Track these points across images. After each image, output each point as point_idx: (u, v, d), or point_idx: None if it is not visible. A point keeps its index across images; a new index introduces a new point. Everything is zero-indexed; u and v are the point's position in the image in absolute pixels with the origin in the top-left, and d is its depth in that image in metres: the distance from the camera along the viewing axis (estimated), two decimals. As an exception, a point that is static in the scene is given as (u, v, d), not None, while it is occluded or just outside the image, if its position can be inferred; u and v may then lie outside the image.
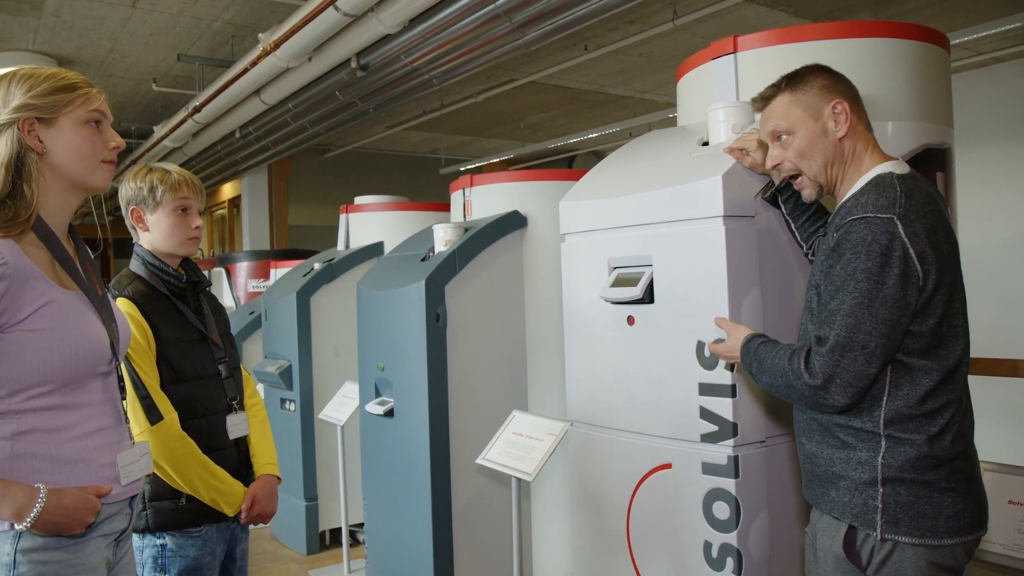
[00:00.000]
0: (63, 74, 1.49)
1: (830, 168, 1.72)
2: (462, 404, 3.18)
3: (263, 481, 2.14)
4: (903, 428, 1.56)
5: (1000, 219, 5.93)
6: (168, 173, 2.07)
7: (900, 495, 1.54)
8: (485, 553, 3.22)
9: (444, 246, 3.26)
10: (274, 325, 4.78)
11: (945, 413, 1.57)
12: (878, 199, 1.57)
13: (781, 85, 1.76)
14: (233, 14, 5.34)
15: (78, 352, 1.42)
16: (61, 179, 1.47)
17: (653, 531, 2.22)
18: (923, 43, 2.27)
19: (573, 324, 2.48)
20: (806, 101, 1.72)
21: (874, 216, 1.54)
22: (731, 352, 1.82)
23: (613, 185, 2.39)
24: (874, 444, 1.57)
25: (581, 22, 3.77)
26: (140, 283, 2.03)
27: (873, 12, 5.44)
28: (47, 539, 1.38)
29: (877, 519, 1.55)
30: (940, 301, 1.55)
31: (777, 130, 1.76)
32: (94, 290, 1.52)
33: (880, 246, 1.52)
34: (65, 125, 1.46)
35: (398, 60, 4.54)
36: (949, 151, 2.36)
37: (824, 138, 1.71)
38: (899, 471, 1.54)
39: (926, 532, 1.53)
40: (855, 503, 1.58)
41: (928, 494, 1.53)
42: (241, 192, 9.71)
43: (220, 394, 2.10)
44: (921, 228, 1.54)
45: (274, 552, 4.62)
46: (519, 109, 8.30)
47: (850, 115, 1.71)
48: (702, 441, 2.06)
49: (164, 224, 2.05)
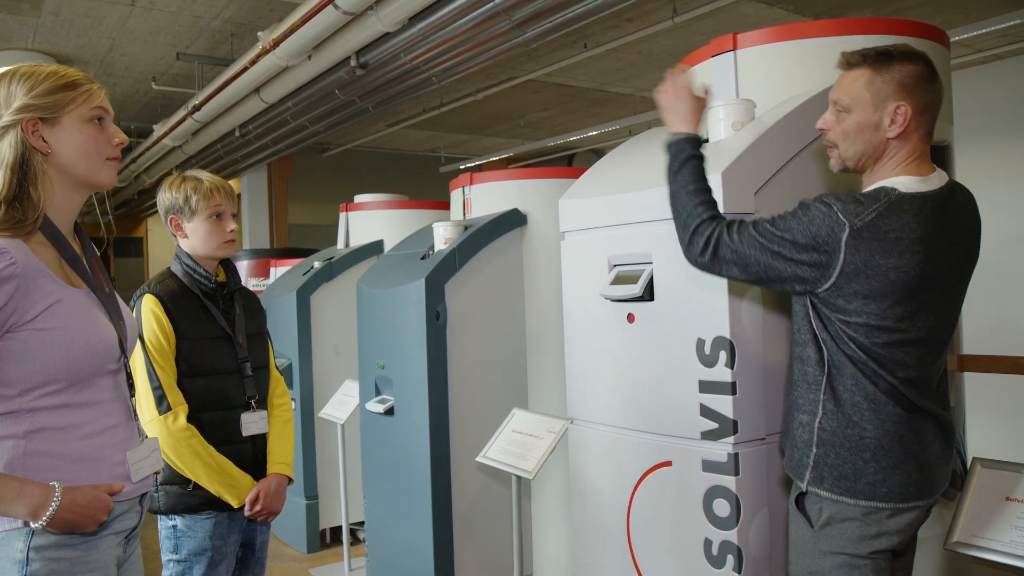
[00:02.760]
0: (63, 71, 1.47)
1: (864, 158, 1.74)
2: (462, 402, 3.18)
3: (272, 479, 2.21)
4: (838, 398, 1.70)
5: (1000, 216, 5.92)
6: (200, 182, 2.19)
7: (829, 457, 1.71)
8: (485, 550, 3.23)
9: (444, 244, 3.26)
10: (274, 323, 4.77)
11: (885, 391, 1.67)
12: (849, 202, 1.65)
13: (869, 57, 1.72)
14: (232, 12, 5.33)
15: (88, 350, 1.43)
16: (67, 178, 1.47)
17: (653, 529, 2.22)
18: (923, 40, 2.27)
19: (573, 322, 2.48)
20: (878, 88, 1.69)
21: (826, 197, 1.67)
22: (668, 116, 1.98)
23: (613, 183, 2.39)
24: (814, 408, 1.74)
25: (580, 20, 3.77)
26: (173, 281, 2.17)
27: (873, 9, 5.43)
28: (60, 537, 1.39)
29: (806, 474, 1.74)
30: (872, 303, 1.64)
31: (839, 102, 1.75)
32: (101, 288, 1.52)
33: (812, 212, 1.66)
34: (69, 124, 1.45)
35: (397, 58, 4.54)
36: (949, 148, 2.36)
37: (874, 131, 1.71)
38: (832, 435, 1.71)
39: (844, 491, 1.69)
40: (795, 458, 1.78)
41: (852, 460, 1.68)
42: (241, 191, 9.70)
43: (238, 391, 2.20)
44: (865, 249, 1.62)
45: (275, 550, 4.62)
46: (519, 107, 8.30)
47: (909, 121, 1.68)
48: (702, 438, 2.07)
49: (201, 231, 2.18)
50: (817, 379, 1.73)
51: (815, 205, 1.67)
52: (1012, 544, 1.78)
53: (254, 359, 2.27)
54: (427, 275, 3.10)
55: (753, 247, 1.70)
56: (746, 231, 1.72)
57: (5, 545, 1.36)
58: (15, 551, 1.36)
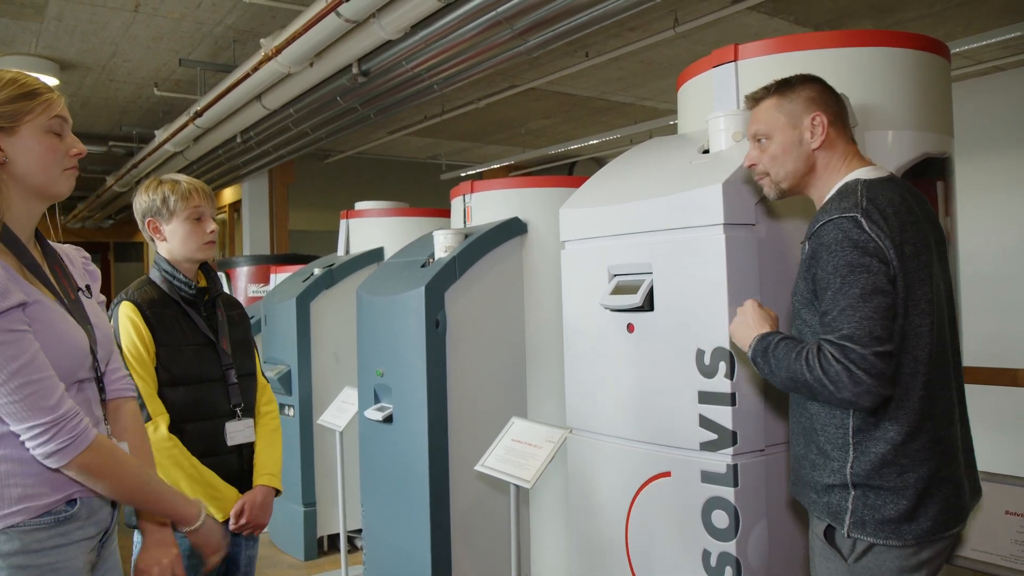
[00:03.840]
0: (23, 79, 1.44)
1: (797, 176, 1.80)
2: (461, 410, 3.17)
3: (258, 491, 2.13)
4: (869, 436, 1.64)
5: (1000, 227, 5.93)
6: (178, 183, 2.14)
7: (868, 499, 1.63)
8: (483, 560, 3.22)
9: (444, 252, 3.26)
10: (274, 330, 4.78)
11: (911, 417, 1.63)
12: (841, 203, 1.66)
13: (771, 89, 1.84)
14: (235, 19, 5.35)
15: (62, 356, 1.41)
16: (24, 188, 1.44)
17: (652, 539, 2.21)
18: (923, 52, 2.28)
19: (573, 331, 2.48)
20: (789, 109, 1.79)
21: (839, 216, 1.63)
22: (741, 334, 1.81)
23: (613, 192, 2.40)
24: (844, 452, 1.66)
25: (582, 29, 3.78)
26: (151, 288, 2.11)
27: (874, 21, 5.44)
28: (28, 542, 1.37)
29: (846, 520, 1.65)
30: (900, 298, 1.61)
31: (758, 133, 1.83)
32: (66, 294, 1.50)
33: (851, 240, 1.60)
34: (27, 134, 1.42)
35: (399, 66, 4.55)
36: (949, 160, 2.36)
37: (798, 147, 1.78)
38: (866, 478, 1.63)
39: (890, 535, 1.61)
40: (831, 503, 1.68)
41: (894, 501, 1.61)
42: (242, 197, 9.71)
43: (223, 399, 2.13)
44: (883, 223, 1.61)
45: (272, 558, 4.61)
46: (520, 115, 8.31)
47: (828, 128, 1.77)
48: (701, 449, 2.06)
49: (180, 232, 2.12)
50: (843, 420, 1.67)
51: (834, 238, 1.61)
52: (1012, 558, 1.78)
53: (239, 366, 2.20)
54: (427, 283, 3.10)
55: (863, 318, 1.57)
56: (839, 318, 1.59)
57: None
58: None
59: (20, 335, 1.33)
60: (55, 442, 1.34)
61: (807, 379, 1.60)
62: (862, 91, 2.17)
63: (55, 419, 1.34)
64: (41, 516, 1.39)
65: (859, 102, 2.14)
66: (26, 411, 1.33)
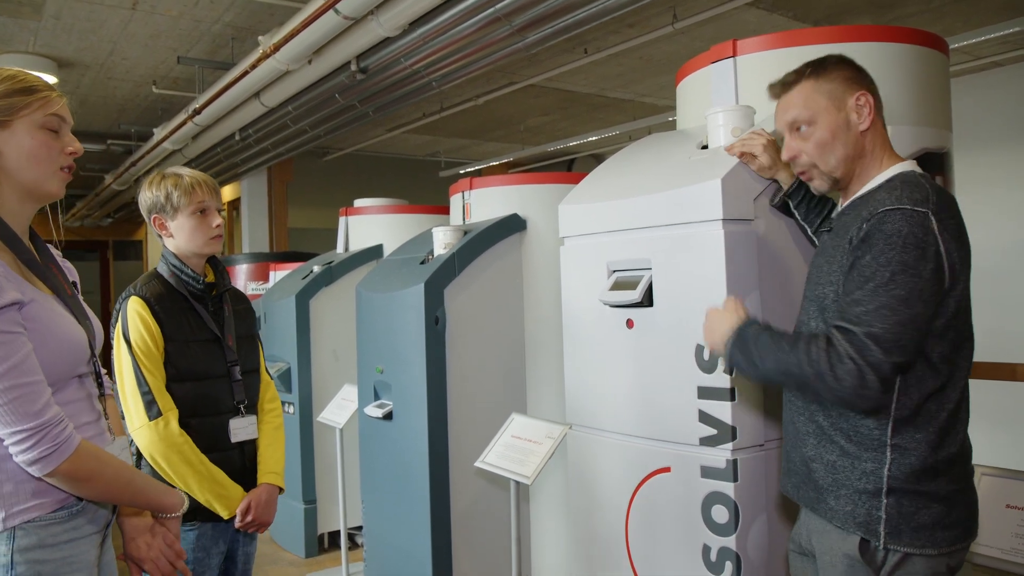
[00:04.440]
0: (22, 76, 1.45)
1: (850, 162, 1.66)
2: (461, 407, 3.18)
3: (262, 489, 2.14)
4: (909, 436, 1.53)
5: (999, 223, 5.93)
6: (181, 178, 2.11)
7: (903, 506, 1.52)
8: (484, 556, 3.22)
9: (443, 249, 3.26)
10: (273, 328, 4.78)
11: (948, 419, 1.54)
12: (912, 193, 1.52)
13: (805, 72, 1.68)
14: (233, 17, 5.34)
15: (61, 349, 1.42)
16: (15, 183, 1.44)
17: (652, 535, 2.22)
18: (922, 47, 2.28)
19: (572, 327, 2.48)
20: (830, 90, 1.65)
21: (911, 209, 1.49)
22: (713, 335, 1.73)
23: (612, 188, 2.40)
24: (880, 453, 1.54)
25: (581, 25, 3.77)
26: (159, 283, 2.09)
27: (873, 16, 5.44)
28: (44, 537, 1.38)
29: (880, 530, 1.52)
30: (953, 302, 1.52)
31: (797, 120, 1.67)
32: (63, 290, 1.51)
33: (916, 239, 1.47)
34: (21, 129, 1.42)
35: (398, 63, 4.54)
36: (948, 155, 2.36)
37: (847, 131, 1.64)
38: (904, 482, 1.52)
39: (927, 543, 1.51)
40: (859, 513, 1.55)
41: (928, 504, 1.52)
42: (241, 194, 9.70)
43: (227, 396, 2.12)
44: (952, 226, 1.51)
45: (272, 555, 4.61)
46: (519, 112, 8.30)
47: (873, 108, 1.65)
48: (701, 445, 2.06)
49: (186, 228, 2.11)
50: (882, 419, 1.55)
51: (898, 230, 1.49)
52: (1012, 551, 1.78)
53: (244, 363, 2.19)
54: (426, 280, 3.10)
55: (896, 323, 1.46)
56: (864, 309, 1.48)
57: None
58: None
59: (11, 337, 1.32)
60: (37, 449, 1.33)
61: (802, 371, 1.50)
62: (861, 86, 2.17)
63: (38, 425, 1.33)
64: (55, 511, 1.41)
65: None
66: (10, 415, 1.32)
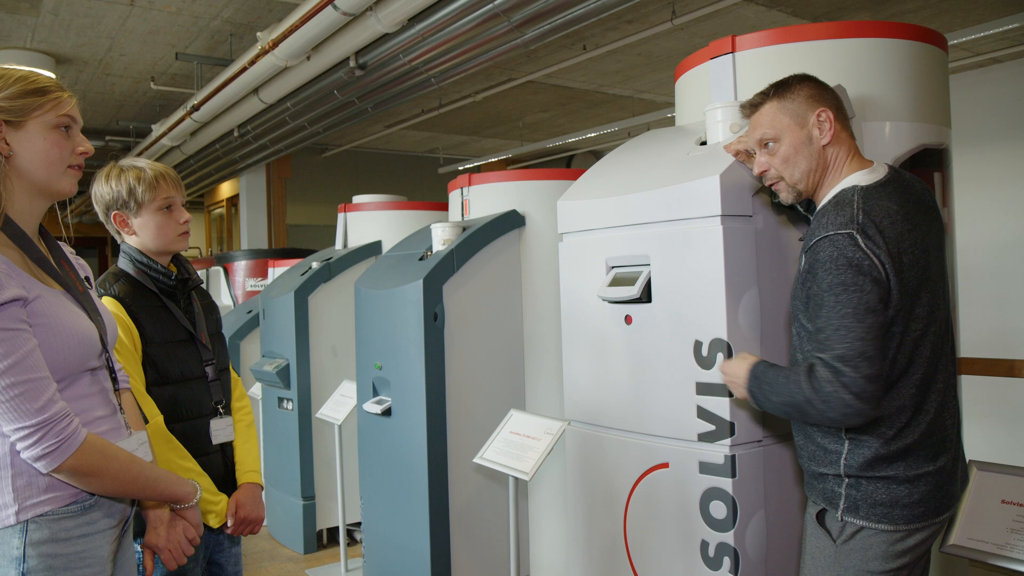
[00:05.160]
0: (35, 77, 1.47)
1: (811, 175, 1.79)
2: (459, 403, 3.18)
3: (246, 489, 2.06)
4: (861, 432, 1.69)
5: (997, 219, 5.93)
6: (143, 171, 1.96)
7: (860, 487, 1.69)
8: (482, 552, 3.23)
9: (442, 245, 3.26)
10: (272, 324, 4.78)
11: (901, 416, 1.67)
12: (836, 217, 1.67)
13: (769, 93, 1.83)
14: (231, 12, 5.33)
15: (72, 345, 1.42)
16: (27, 183, 1.46)
17: (650, 530, 2.22)
18: (921, 43, 2.28)
19: (571, 323, 2.48)
20: (792, 109, 1.79)
21: (834, 233, 1.64)
22: (734, 379, 1.86)
23: (611, 184, 2.40)
24: (839, 445, 1.72)
25: (580, 22, 3.77)
26: (127, 281, 1.96)
27: (871, 12, 5.44)
28: (56, 531, 1.39)
29: (840, 504, 1.71)
30: (893, 308, 1.63)
31: (764, 137, 1.82)
32: (75, 286, 1.52)
33: (846, 259, 1.61)
34: (33, 129, 1.44)
35: (396, 59, 4.54)
36: (947, 151, 2.36)
37: (809, 145, 1.78)
38: (859, 470, 1.69)
39: (881, 518, 1.67)
40: (825, 490, 1.75)
41: (885, 487, 1.67)
42: (239, 191, 9.70)
43: (206, 397, 2.02)
44: (879, 237, 1.63)
45: (271, 551, 4.62)
46: (517, 108, 8.30)
47: (834, 123, 1.77)
48: (699, 440, 2.07)
49: (151, 225, 1.97)
50: None
51: (829, 255, 1.63)
52: (1008, 547, 1.79)
53: (218, 361, 2.08)
54: (425, 276, 3.10)
55: (854, 339, 1.59)
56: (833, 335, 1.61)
57: (1, 542, 1.36)
58: (11, 548, 1.36)
59: (13, 333, 1.33)
60: (42, 445, 1.33)
61: (799, 400, 1.65)
62: (859, 82, 2.18)
63: (42, 421, 1.33)
64: (69, 505, 1.41)
65: (856, 93, 2.14)
66: (13, 412, 1.32)
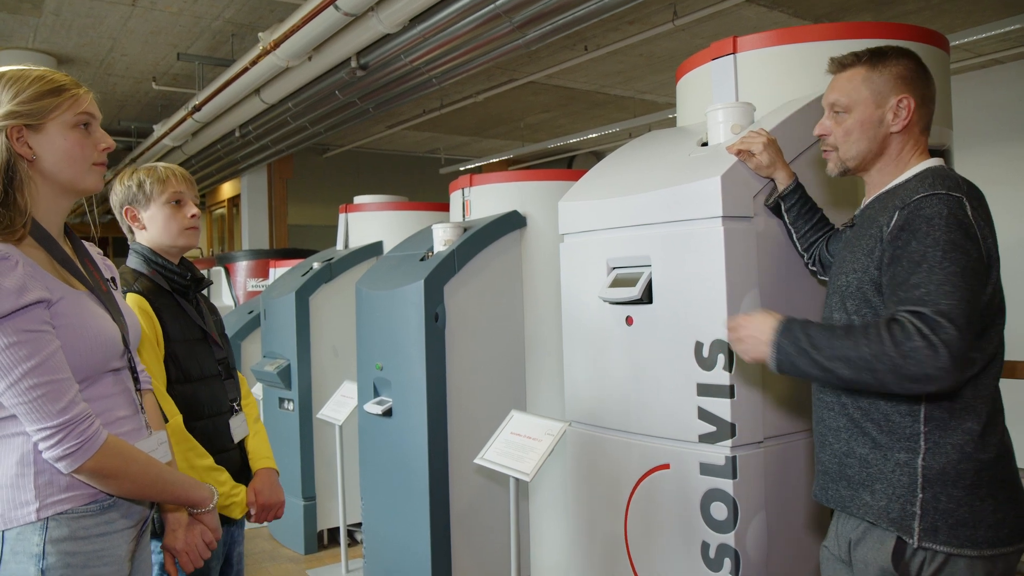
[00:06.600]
0: (50, 76, 1.46)
1: (866, 157, 1.67)
2: (460, 404, 3.18)
3: (261, 475, 2.10)
4: (945, 425, 1.48)
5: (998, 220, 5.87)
6: (154, 168, 2.03)
7: (940, 501, 1.46)
8: (483, 553, 3.22)
9: (443, 246, 3.26)
10: (273, 324, 4.78)
11: (987, 407, 1.49)
12: (945, 180, 1.53)
13: (862, 58, 1.67)
14: (233, 13, 5.34)
15: (94, 346, 1.43)
16: (52, 184, 1.46)
17: (651, 531, 2.22)
18: (923, 44, 2.28)
19: (572, 324, 2.48)
20: (876, 84, 1.64)
21: (946, 193, 1.49)
22: (755, 333, 1.60)
23: (612, 185, 2.39)
24: (913, 443, 1.49)
25: (581, 22, 3.77)
26: (145, 280, 2.00)
27: (873, 13, 5.44)
28: (75, 529, 1.39)
29: (915, 526, 1.46)
30: (991, 287, 1.51)
31: (837, 104, 1.68)
32: (99, 287, 1.52)
33: (958, 220, 1.46)
34: (53, 130, 1.44)
35: (398, 60, 4.55)
36: (948, 152, 2.36)
37: (877, 127, 1.65)
38: (940, 474, 1.46)
39: (965, 542, 1.44)
40: (892, 508, 1.49)
41: (969, 501, 1.45)
42: (240, 191, 9.71)
43: (222, 395, 2.06)
44: (982, 211, 1.52)
45: (272, 551, 4.62)
46: (519, 109, 8.30)
47: (912, 114, 1.63)
48: (700, 441, 2.06)
49: (159, 217, 2.01)
50: (914, 406, 1.50)
51: (938, 212, 1.47)
52: (1010, 549, 1.78)
53: (228, 358, 2.12)
54: (426, 277, 3.10)
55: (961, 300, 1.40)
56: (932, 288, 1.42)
57: (22, 539, 1.37)
58: (31, 544, 1.37)
59: (36, 335, 1.33)
60: (63, 446, 1.35)
61: (863, 354, 1.41)
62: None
63: (64, 423, 1.34)
64: (88, 504, 1.42)
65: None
66: (35, 412, 1.33)
